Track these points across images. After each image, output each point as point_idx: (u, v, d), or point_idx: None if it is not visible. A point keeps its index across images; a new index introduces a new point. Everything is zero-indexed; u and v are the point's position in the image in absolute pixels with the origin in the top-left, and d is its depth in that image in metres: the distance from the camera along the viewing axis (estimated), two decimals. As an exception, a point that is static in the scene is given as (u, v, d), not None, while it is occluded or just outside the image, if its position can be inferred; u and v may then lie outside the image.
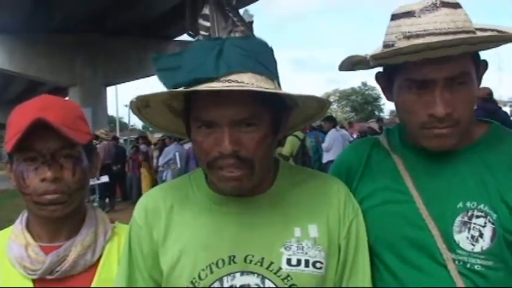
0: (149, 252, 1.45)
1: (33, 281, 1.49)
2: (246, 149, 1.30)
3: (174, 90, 1.30)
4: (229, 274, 1.37)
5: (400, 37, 1.37)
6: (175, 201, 1.48)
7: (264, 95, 1.29)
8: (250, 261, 1.38)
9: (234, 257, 1.38)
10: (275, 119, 1.37)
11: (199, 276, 1.38)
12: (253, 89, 1.25)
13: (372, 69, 1.55)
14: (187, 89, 1.28)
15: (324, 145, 11.76)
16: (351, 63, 1.52)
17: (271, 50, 1.40)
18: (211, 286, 1.37)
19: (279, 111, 1.39)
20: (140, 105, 1.40)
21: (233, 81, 1.26)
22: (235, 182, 1.32)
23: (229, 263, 1.38)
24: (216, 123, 1.29)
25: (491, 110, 7.24)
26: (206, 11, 7.45)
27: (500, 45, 1.45)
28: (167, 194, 1.50)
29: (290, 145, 10.02)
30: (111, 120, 50.71)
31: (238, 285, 1.36)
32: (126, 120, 74.53)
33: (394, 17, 1.42)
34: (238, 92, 1.25)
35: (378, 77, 1.58)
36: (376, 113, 65.20)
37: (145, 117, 1.46)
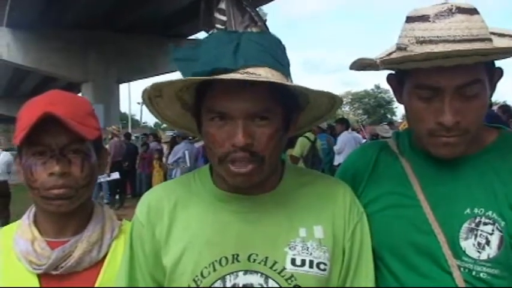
0: (151, 251, 1.44)
1: (39, 276, 1.48)
2: (258, 143, 1.30)
3: (192, 78, 1.29)
4: (232, 273, 1.36)
5: (413, 41, 1.35)
6: (179, 199, 1.46)
7: (279, 90, 1.30)
8: (254, 260, 1.36)
9: (238, 255, 1.37)
10: (287, 116, 1.37)
11: (201, 274, 1.36)
12: (274, 80, 1.26)
13: (385, 71, 1.53)
14: (206, 77, 1.27)
15: (336, 147, 11.71)
16: (361, 65, 1.50)
17: (284, 48, 1.40)
18: (214, 285, 1.36)
19: (291, 108, 1.38)
20: (153, 94, 1.39)
21: (251, 74, 1.26)
22: (245, 177, 1.32)
23: (233, 262, 1.36)
24: (230, 116, 1.29)
25: (492, 115, 7.20)
26: (222, 5, 7.47)
27: None
28: (171, 192, 1.49)
29: (300, 146, 9.97)
30: (124, 117, 50.93)
31: (241, 285, 1.35)
32: (138, 117, 74.94)
33: (409, 19, 1.39)
34: (254, 85, 1.25)
35: (390, 78, 1.56)
36: (389, 116, 64.95)
37: (155, 108, 1.45)
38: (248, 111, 1.28)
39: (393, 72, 1.54)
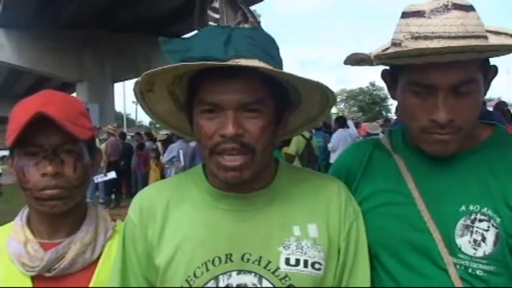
0: (143, 251, 1.42)
1: (32, 278, 1.47)
2: (249, 134, 1.29)
3: (181, 63, 1.27)
4: (225, 273, 1.34)
5: (408, 37, 1.34)
6: (172, 199, 1.45)
7: (271, 83, 1.30)
8: (248, 259, 1.35)
9: (231, 255, 1.35)
10: (278, 110, 1.36)
11: (194, 274, 1.35)
12: (264, 66, 1.25)
13: (380, 67, 1.52)
14: (198, 62, 1.25)
15: (330, 145, 11.71)
16: (355, 60, 1.49)
17: (277, 48, 1.39)
18: (207, 285, 1.34)
19: (282, 103, 1.37)
20: (144, 87, 1.37)
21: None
22: (235, 172, 1.30)
23: (226, 262, 1.35)
24: (221, 107, 1.28)
25: (483, 112, 7.21)
26: (216, 4, 7.55)
27: (510, 52, 1.40)
28: (164, 191, 1.48)
29: (295, 144, 9.96)
30: (119, 117, 50.81)
31: (234, 285, 1.34)
32: (133, 116, 74.85)
33: (404, 15, 1.38)
34: (245, 76, 1.25)
35: (384, 74, 1.55)
36: (384, 113, 64.97)
37: (146, 104, 1.44)
38: (239, 102, 1.27)
39: (388, 68, 1.53)
